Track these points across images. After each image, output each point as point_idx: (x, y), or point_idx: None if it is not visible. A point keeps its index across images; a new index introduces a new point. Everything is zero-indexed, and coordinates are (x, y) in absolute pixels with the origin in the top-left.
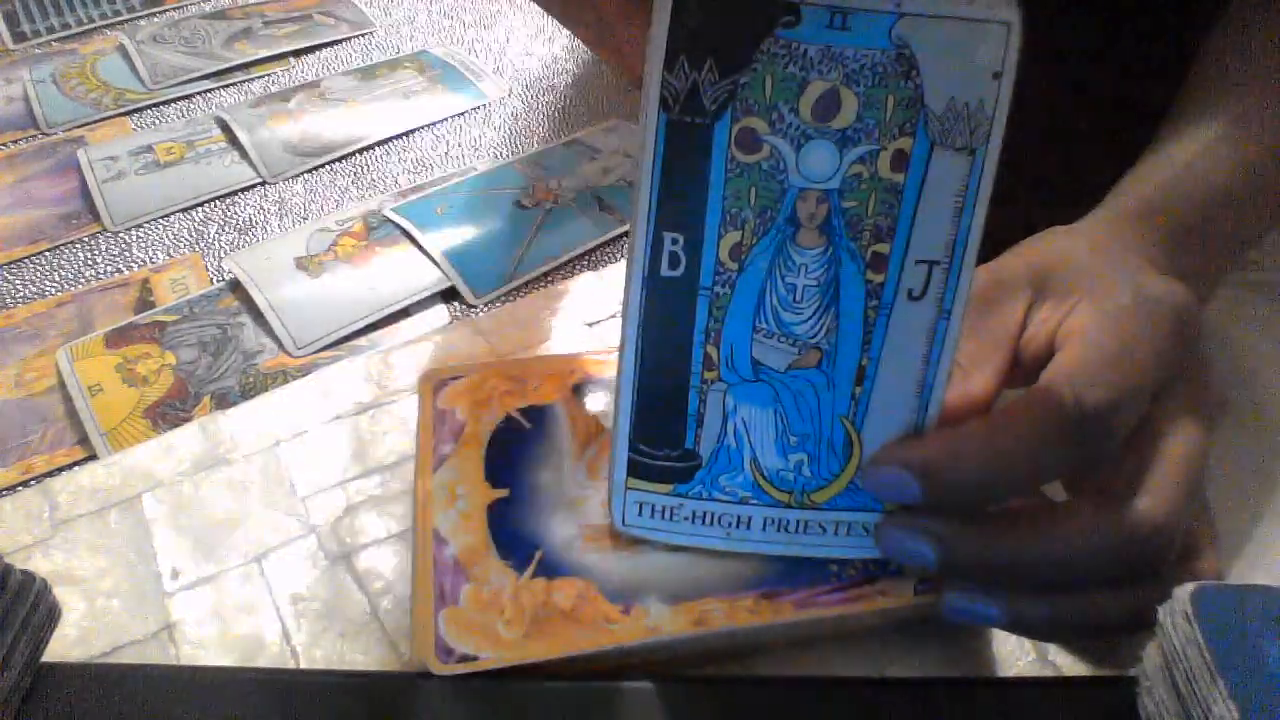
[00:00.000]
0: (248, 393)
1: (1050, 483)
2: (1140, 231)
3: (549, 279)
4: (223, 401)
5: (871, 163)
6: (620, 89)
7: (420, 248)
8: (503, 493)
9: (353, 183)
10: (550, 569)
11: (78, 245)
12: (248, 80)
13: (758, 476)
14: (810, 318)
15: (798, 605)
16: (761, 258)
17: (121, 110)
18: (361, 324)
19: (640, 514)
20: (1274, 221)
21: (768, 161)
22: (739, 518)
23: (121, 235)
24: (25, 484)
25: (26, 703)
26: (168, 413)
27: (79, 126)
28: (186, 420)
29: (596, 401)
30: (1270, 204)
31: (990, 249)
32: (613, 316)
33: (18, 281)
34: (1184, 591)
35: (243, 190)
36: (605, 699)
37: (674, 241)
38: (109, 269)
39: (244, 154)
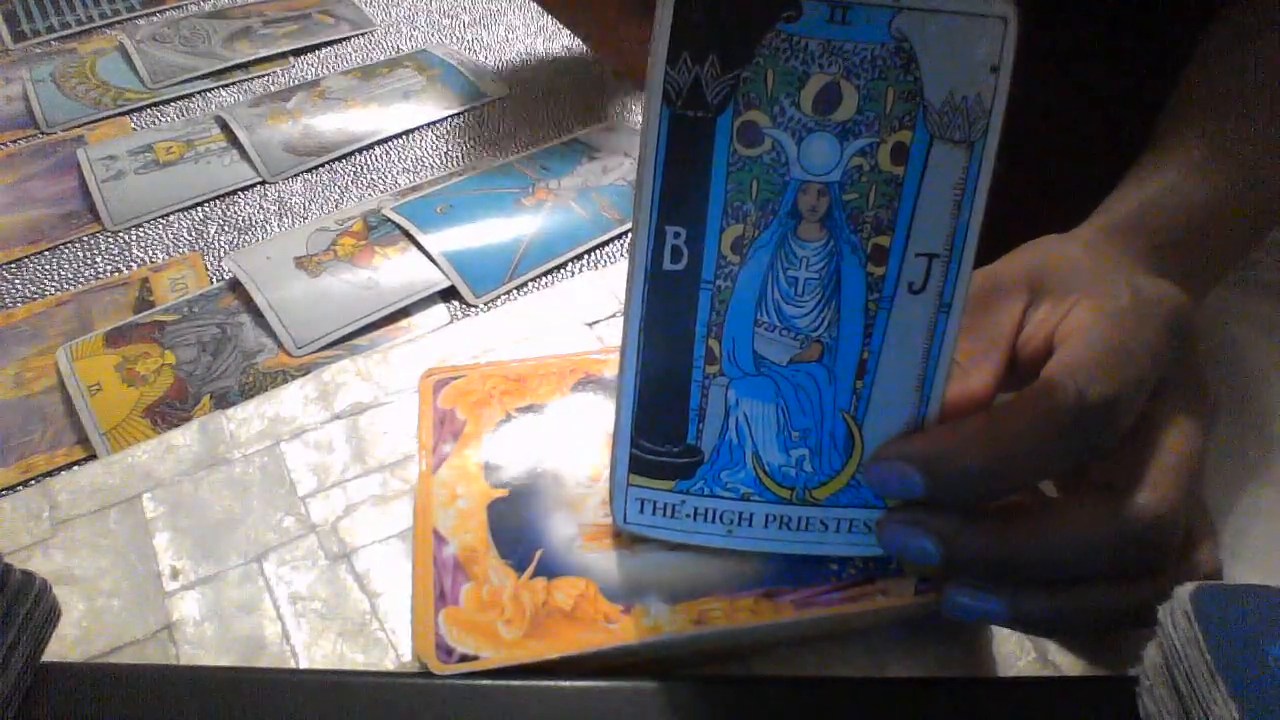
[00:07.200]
0: (247, 392)
1: (1052, 477)
2: (1130, 241)
3: (548, 279)
4: (222, 401)
5: (872, 155)
6: (620, 89)
7: (420, 247)
8: (503, 493)
9: (352, 182)
10: (550, 569)
11: (77, 245)
12: (247, 80)
13: (759, 472)
14: (812, 311)
15: (798, 605)
16: (763, 251)
17: (121, 110)
18: (361, 324)
19: (642, 511)
20: (1260, 235)
21: (769, 155)
22: (740, 515)
23: (121, 235)
24: (25, 484)
25: (26, 703)
26: (167, 412)
27: (78, 126)
28: (186, 420)
29: (596, 401)
30: (1256, 220)
31: (992, 247)
32: (612, 316)
33: (17, 281)
34: (1184, 591)
35: (242, 190)
36: (605, 699)
37: (676, 235)
38: (108, 268)
39: (244, 153)
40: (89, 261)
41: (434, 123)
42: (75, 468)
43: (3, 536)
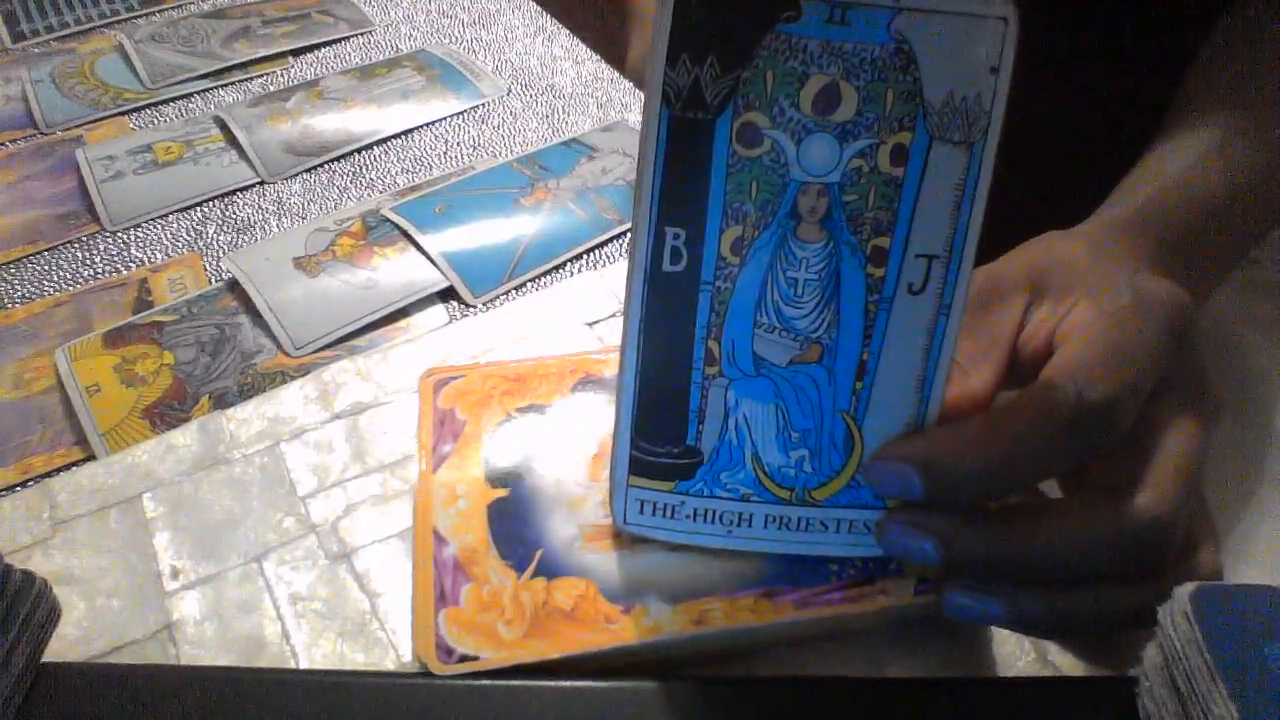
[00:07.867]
0: (246, 393)
1: (1052, 477)
2: (1134, 239)
3: (548, 279)
4: (221, 401)
5: (871, 156)
6: (620, 89)
7: (419, 247)
8: (503, 493)
9: (351, 182)
10: (550, 569)
11: (76, 245)
12: (246, 80)
13: (759, 473)
14: (811, 312)
15: (798, 605)
16: (763, 252)
17: (120, 110)
18: (360, 324)
19: (642, 512)
20: (1265, 232)
21: (769, 156)
22: (740, 515)
23: (120, 235)
24: (25, 484)
25: (26, 703)
26: (166, 413)
27: (77, 126)
28: (185, 420)
29: (596, 401)
30: (1261, 216)
31: (992, 247)
32: (612, 316)
33: (16, 281)
34: (1184, 591)
35: (241, 190)
36: (605, 699)
37: (676, 236)
38: (107, 269)
39: (242, 153)
40: (87, 262)
41: (433, 123)
42: (75, 468)
43: (3, 536)
